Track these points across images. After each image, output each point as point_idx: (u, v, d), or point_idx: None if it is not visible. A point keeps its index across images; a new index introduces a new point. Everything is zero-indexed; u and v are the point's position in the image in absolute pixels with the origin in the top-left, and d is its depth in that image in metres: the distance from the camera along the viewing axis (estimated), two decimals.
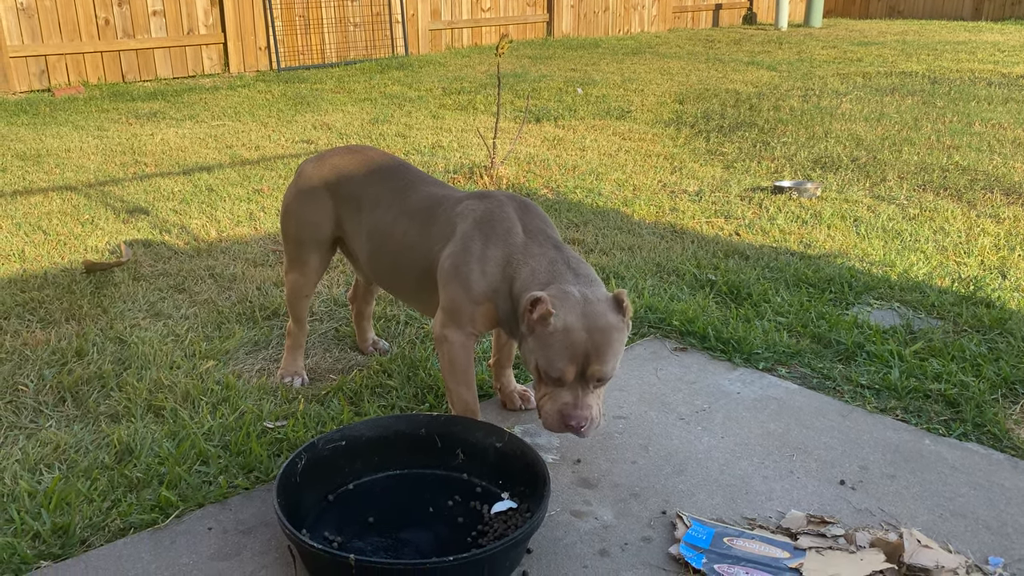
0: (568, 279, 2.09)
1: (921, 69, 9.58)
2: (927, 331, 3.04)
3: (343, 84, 8.90)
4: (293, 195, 2.61)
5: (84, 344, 2.89)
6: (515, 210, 2.27)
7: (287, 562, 1.89)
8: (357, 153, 2.61)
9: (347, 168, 2.55)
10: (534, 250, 2.17)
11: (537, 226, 2.24)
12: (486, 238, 2.21)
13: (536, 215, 2.29)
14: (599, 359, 1.98)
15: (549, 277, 2.10)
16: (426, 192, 2.44)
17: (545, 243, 2.19)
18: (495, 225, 2.23)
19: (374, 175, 2.52)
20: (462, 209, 2.30)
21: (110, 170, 5.40)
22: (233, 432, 2.37)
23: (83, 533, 1.97)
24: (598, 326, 1.99)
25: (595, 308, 2.01)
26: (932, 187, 5.00)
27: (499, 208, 2.26)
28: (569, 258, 2.16)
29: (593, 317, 1.99)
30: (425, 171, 5.32)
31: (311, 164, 2.61)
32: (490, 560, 1.75)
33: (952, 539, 1.99)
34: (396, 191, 2.47)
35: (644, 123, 6.99)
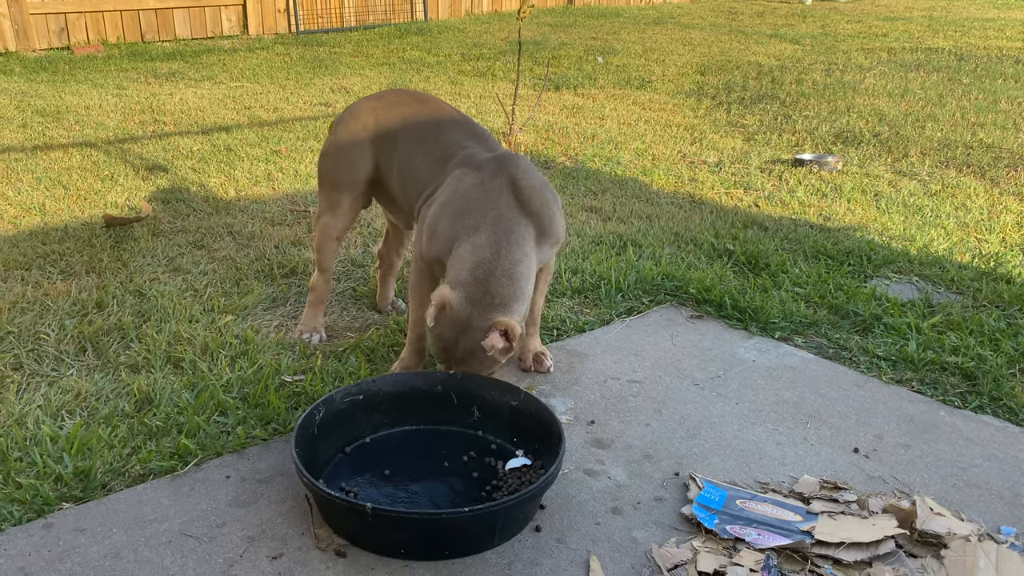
0: (476, 292, 2.16)
1: (948, 45, 9.43)
2: (946, 305, 3.03)
3: (361, 48, 8.85)
4: (334, 136, 2.65)
5: (104, 296, 2.92)
6: (486, 192, 2.26)
7: (304, 510, 1.91)
8: (401, 94, 2.66)
9: (387, 108, 2.61)
10: (478, 240, 2.21)
11: (498, 212, 2.23)
12: (447, 213, 2.28)
13: (509, 197, 2.26)
14: (466, 366, 2.24)
15: (466, 280, 2.18)
16: (451, 140, 2.47)
17: (491, 236, 2.20)
18: (460, 203, 2.27)
19: (411, 114, 2.57)
20: (457, 173, 2.35)
21: (129, 128, 5.41)
22: (251, 385, 2.39)
23: (104, 477, 2.00)
24: (467, 348, 2.19)
25: (472, 335, 2.17)
26: (955, 164, 4.94)
27: (470, 187, 2.28)
28: (498, 265, 2.18)
29: (466, 341, 2.18)
30: None
31: (352, 107, 2.67)
32: (505, 512, 1.76)
33: (965, 508, 2.00)
34: (429, 130, 2.52)
35: (664, 93, 6.93)
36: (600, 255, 3.42)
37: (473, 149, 2.43)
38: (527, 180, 2.29)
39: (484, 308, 2.16)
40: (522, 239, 2.23)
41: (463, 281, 2.18)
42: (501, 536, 1.82)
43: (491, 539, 1.80)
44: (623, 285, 3.14)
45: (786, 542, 1.81)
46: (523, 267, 2.22)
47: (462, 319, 2.16)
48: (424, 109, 2.59)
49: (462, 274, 2.18)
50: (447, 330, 2.18)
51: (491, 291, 2.16)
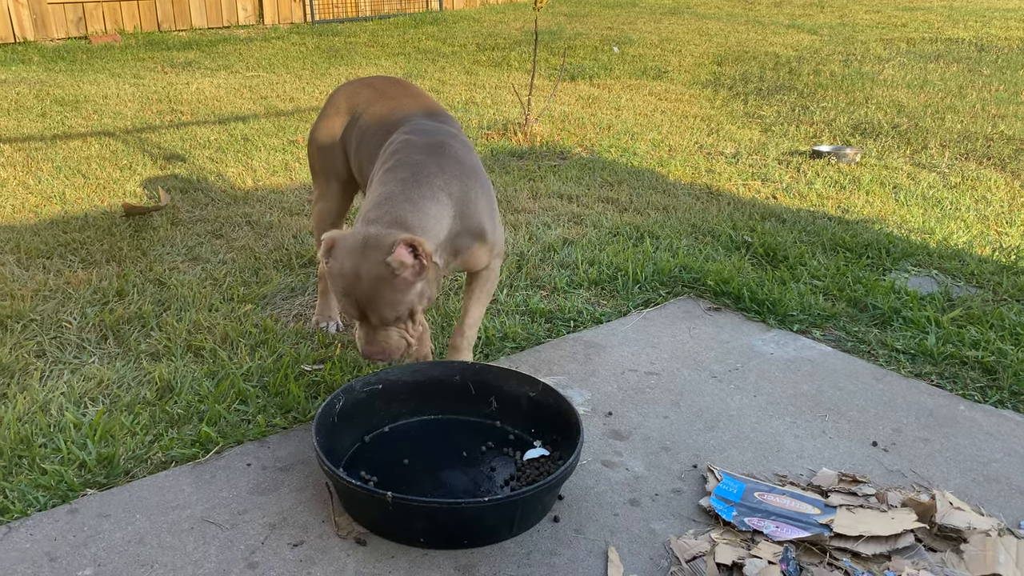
0: (375, 217, 1.99)
1: (968, 36, 9.32)
2: (966, 299, 3.01)
3: (376, 38, 8.85)
4: (316, 121, 2.68)
5: (124, 285, 2.94)
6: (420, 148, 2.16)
7: (324, 499, 1.93)
8: (378, 79, 2.65)
9: (357, 91, 2.60)
10: (387, 179, 2.09)
11: (420, 165, 2.10)
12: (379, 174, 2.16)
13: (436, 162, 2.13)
14: (371, 308, 1.96)
15: (366, 213, 2.02)
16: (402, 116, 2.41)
17: (400, 173, 2.08)
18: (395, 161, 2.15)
19: (376, 94, 2.55)
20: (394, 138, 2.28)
21: (147, 117, 5.43)
22: (271, 373, 2.41)
23: (127, 464, 2.02)
24: (370, 276, 1.92)
25: (371, 255, 1.92)
26: (975, 156, 4.90)
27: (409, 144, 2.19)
28: (401, 192, 2.03)
29: (367, 266, 1.92)
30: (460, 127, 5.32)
31: (333, 92, 2.69)
32: (523, 503, 1.77)
33: (985, 503, 1.99)
34: (388, 110, 2.47)
35: (681, 84, 6.89)
36: (617, 246, 3.42)
37: (420, 122, 2.36)
38: (456, 153, 2.17)
39: (383, 227, 1.96)
40: (436, 188, 2.06)
41: (364, 214, 2.01)
42: (520, 526, 1.83)
43: (510, 529, 1.81)
44: (640, 277, 3.14)
45: (805, 535, 1.81)
46: (431, 204, 2.03)
47: (358, 242, 1.94)
48: (391, 92, 2.55)
49: (365, 207, 2.02)
50: (346, 261, 1.94)
51: (391, 212, 1.98)
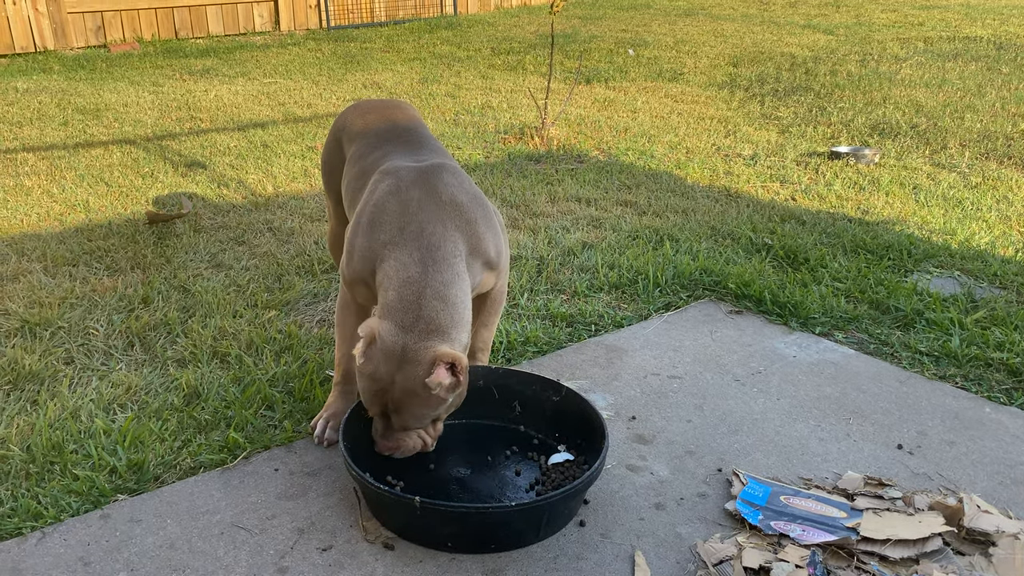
0: (407, 319, 1.85)
1: (986, 34, 9.25)
2: (989, 300, 2.99)
3: (392, 43, 8.89)
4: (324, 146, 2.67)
5: (150, 292, 2.98)
6: (403, 201, 2.01)
7: (352, 503, 1.94)
8: (377, 103, 2.59)
9: (352, 120, 2.54)
10: (400, 257, 1.93)
11: (418, 226, 1.96)
12: (361, 226, 2.04)
13: (430, 209, 1.99)
14: (401, 416, 1.88)
15: (394, 305, 1.88)
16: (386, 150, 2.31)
17: (415, 251, 1.93)
18: (374, 214, 2.02)
19: (369, 129, 2.45)
20: (374, 180, 2.14)
21: (167, 125, 5.49)
22: (297, 379, 2.43)
23: (156, 470, 2.05)
24: (404, 388, 1.84)
25: (408, 370, 1.83)
26: (996, 155, 4.87)
27: (386, 196, 2.04)
28: (430, 282, 1.90)
29: (402, 377, 1.83)
30: (475, 132, 5.35)
31: (337, 118, 2.65)
32: (550, 508, 1.78)
33: (1012, 506, 1.98)
34: (370, 146, 2.37)
35: (697, 86, 6.89)
36: (637, 250, 3.42)
37: (400, 158, 2.24)
38: (451, 193, 2.03)
39: (419, 335, 1.85)
40: (451, 256, 1.95)
41: (391, 305, 1.88)
42: (546, 530, 1.84)
43: (536, 533, 1.82)
44: (661, 280, 3.14)
45: (831, 538, 1.81)
46: (456, 289, 1.92)
47: (395, 351, 1.83)
48: (383, 118, 2.47)
49: (389, 295, 1.89)
50: (380, 366, 1.84)
51: (424, 315, 1.86)
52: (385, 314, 1.88)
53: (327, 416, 2.18)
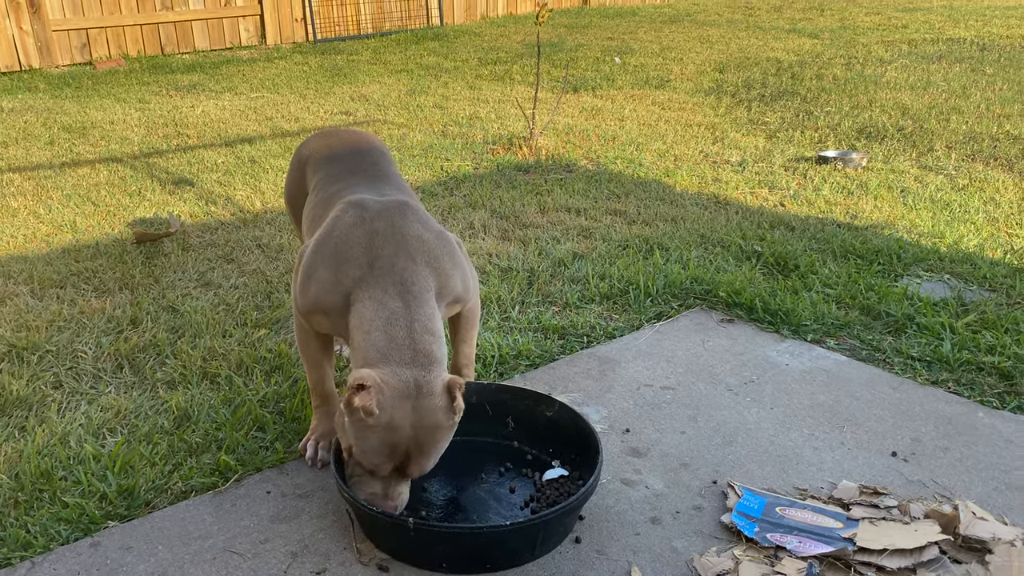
0: (404, 356, 1.78)
1: (969, 35, 9.32)
2: (979, 303, 3.00)
3: (379, 55, 8.90)
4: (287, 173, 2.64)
5: (138, 313, 2.96)
6: (370, 233, 1.95)
7: (345, 525, 1.93)
8: (333, 136, 2.55)
9: (317, 149, 2.49)
10: (375, 294, 1.87)
11: (388, 261, 1.91)
12: (322, 257, 1.97)
13: (398, 243, 1.94)
14: (420, 458, 1.77)
15: (386, 346, 1.79)
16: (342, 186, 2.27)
17: (391, 287, 1.87)
18: (338, 245, 1.96)
19: (332, 157, 2.41)
20: (336, 211, 2.07)
21: (154, 142, 5.47)
22: (288, 399, 2.41)
23: (147, 495, 2.03)
24: (425, 425, 1.75)
25: (426, 404, 1.75)
26: (982, 157, 4.89)
27: (351, 227, 1.98)
28: (415, 316, 1.84)
29: (422, 414, 1.74)
30: (464, 143, 5.34)
31: (300, 146, 2.61)
32: (545, 525, 1.77)
33: (1008, 512, 1.98)
34: (331, 176, 2.33)
35: (684, 92, 6.91)
36: (627, 259, 3.42)
37: (364, 190, 2.20)
38: (416, 230, 1.98)
39: (422, 368, 1.78)
40: (425, 291, 1.90)
41: (380, 346, 1.80)
42: (542, 548, 1.83)
43: (532, 552, 1.81)
44: (652, 290, 3.14)
45: (828, 550, 1.80)
46: (438, 323, 1.88)
47: (408, 390, 1.75)
48: (349, 148, 2.43)
49: (373, 337, 1.81)
50: (395, 412, 1.73)
51: (419, 348, 1.80)
52: (376, 358, 1.79)
53: (316, 437, 2.16)
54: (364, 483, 1.81)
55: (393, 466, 1.78)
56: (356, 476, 1.83)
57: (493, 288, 3.16)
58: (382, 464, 1.76)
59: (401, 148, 5.26)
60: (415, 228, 1.99)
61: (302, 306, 2.02)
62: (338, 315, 1.95)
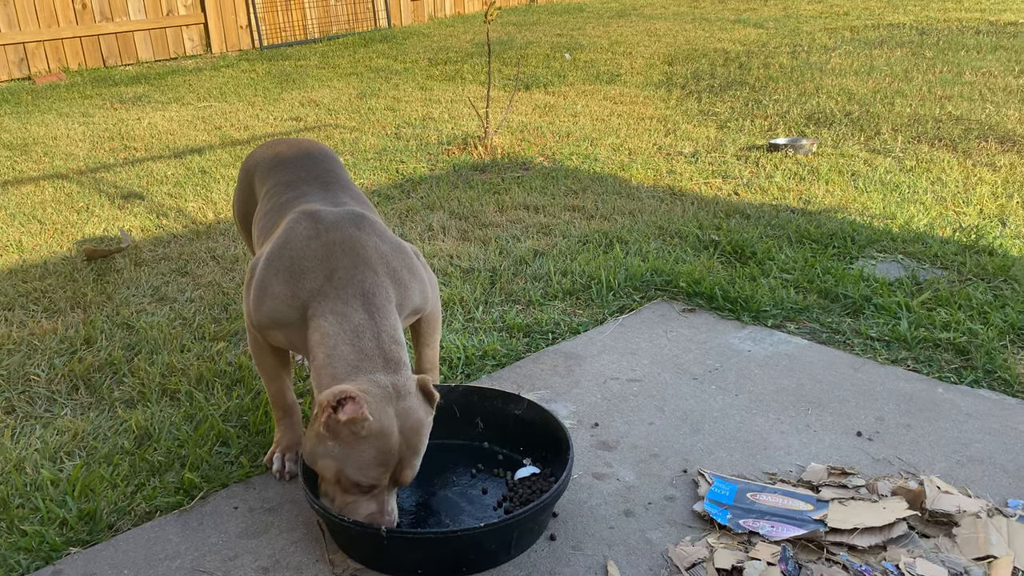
0: (376, 364, 1.77)
1: (908, 20, 9.53)
2: (932, 281, 3.06)
3: (327, 59, 8.80)
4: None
5: (92, 331, 2.88)
6: (326, 245, 1.91)
7: (316, 537, 1.90)
8: (281, 144, 2.49)
9: (264, 159, 2.44)
10: (336, 307, 1.83)
11: (346, 272, 1.87)
12: (276, 270, 1.92)
13: (356, 255, 1.90)
14: (412, 460, 1.76)
15: (355, 359, 1.77)
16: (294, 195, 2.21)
17: (352, 299, 1.84)
18: (293, 258, 1.92)
19: (281, 165, 2.36)
20: (289, 221, 2.01)
21: (100, 156, 5.34)
22: (251, 412, 2.37)
23: (110, 518, 1.97)
24: (411, 425, 1.74)
25: (407, 404, 1.74)
26: (927, 138, 5.00)
27: (306, 240, 1.93)
28: (380, 326, 1.82)
29: (406, 415, 1.73)
30: (418, 144, 5.31)
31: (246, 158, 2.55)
32: (519, 525, 1.76)
33: (971, 484, 2.02)
34: (282, 184, 2.28)
35: (634, 86, 6.95)
36: (588, 255, 3.43)
37: (317, 200, 2.16)
38: (374, 241, 1.95)
39: (395, 373, 1.77)
40: (387, 302, 1.87)
41: (348, 360, 1.77)
42: (517, 548, 1.82)
43: (507, 552, 1.80)
44: (613, 283, 3.15)
45: (800, 532, 1.82)
46: (401, 334, 1.86)
47: (389, 395, 1.73)
48: (298, 155, 2.38)
49: (340, 351, 1.78)
50: (385, 416, 1.70)
51: (388, 357, 1.79)
52: (347, 371, 1.76)
53: (282, 449, 2.12)
54: (357, 506, 1.75)
55: (389, 476, 1.74)
56: (345, 505, 1.75)
57: (456, 289, 3.14)
58: (380, 476, 1.72)
59: (354, 152, 5.21)
60: (372, 239, 1.96)
61: (257, 321, 1.97)
62: (295, 329, 1.91)
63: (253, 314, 1.97)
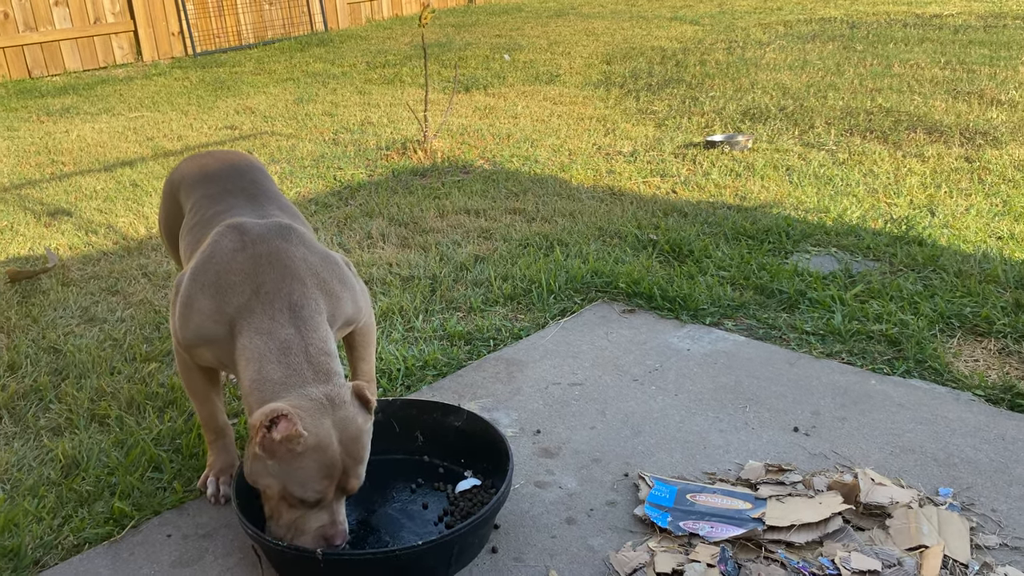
0: (306, 377, 1.74)
1: (839, 14, 9.74)
2: (865, 274, 3.12)
3: (263, 65, 8.65)
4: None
5: (16, 357, 2.77)
6: (252, 258, 1.88)
7: (252, 562, 1.85)
8: (207, 157, 2.42)
9: (188, 172, 2.36)
10: (263, 323, 1.80)
11: (274, 286, 1.84)
12: (202, 284, 1.88)
13: (284, 267, 1.87)
14: (356, 468, 1.74)
15: (283, 375, 1.74)
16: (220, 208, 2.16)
17: (279, 313, 1.81)
18: (219, 272, 1.88)
19: (207, 178, 2.29)
20: (214, 235, 1.97)
21: (25, 171, 5.16)
22: (184, 435, 2.30)
23: (35, 553, 1.90)
24: (350, 434, 1.72)
25: (343, 414, 1.72)
26: (858, 131, 5.11)
27: (232, 253, 1.89)
28: (308, 340, 1.79)
29: (343, 425, 1.71)
30: (356, 150, 5.25)
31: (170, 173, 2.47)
32: (460, 540, 1.74)
33: (904, 474, 2.06)
34: (208, 197, 2.22)
35: (574, 86, 6.97)
36: (528, 258, 3.42)
37: (244, 212, 2.11)
38: (302, 253, 1.93)
39: (326, 384, 1.75)
40: (316, 315, 1.85)
41: (275, 379, 1.73)
42: (458, 563, 1.80)
43: (447, 568, 1.78)
44: (554, 287, 3.15)
45: (739, 532, 1.84)
46: (332, 344, 1.84)
47: (323, 407, 1.70)
48: (224, 166, 2.32)
49: (268, 369, 1.75)
50: (321, 429, 1.68)
51: (318, 368, 1.76)
52: (275, 391, 1.72)
53: (215, 473, 2.06)
54: (309, 520, 1.72)
55: (335, 487, 1.72)
56: (294, 521, 1.72)
57: (395, 298, 3.11)
58: (325, 488, 1.70)
59: (291, 159, 5.13)
60: (300, 251, 1.93)
61: (183, 339, 1.92)
62: (222, 346, 1.86)
63: (179, 331, 1.92)
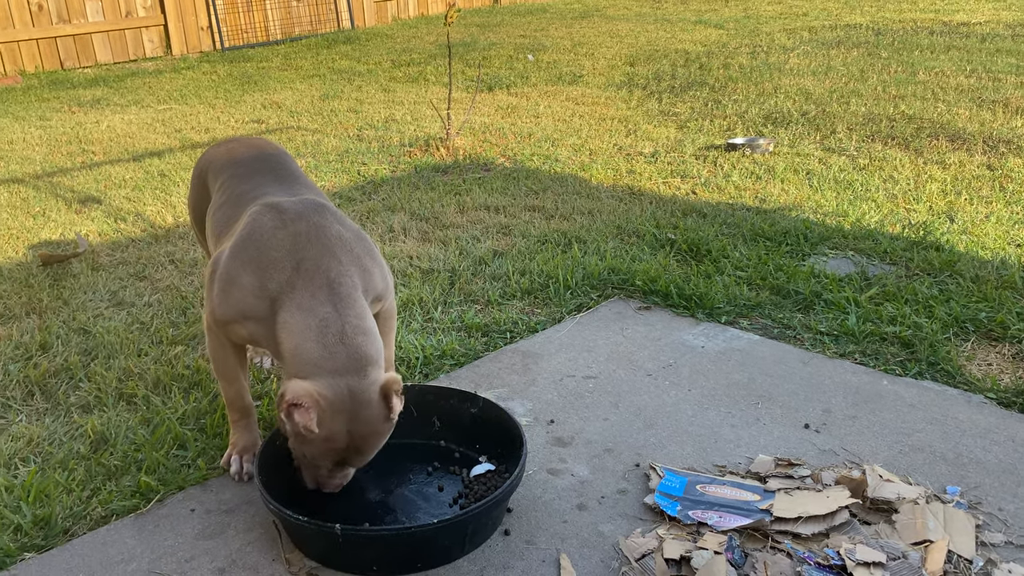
0: (338, 363, 1.78)
1: (865, 21, 9.71)
2: (881, 277, 3.14)
3: (289, 61, 8.76)
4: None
5: (48, 337, 2.86)
6: (292, 235, 1.93)
7: (272, 537, 1.91)
8: (233, 143, 2.50)
9: (216, 156, 2.45)
10: (303, 299, 1.85)
11: (314, 262, 1.89)
12: (243, 261, 1.92)
13: (322, 244, 1.92)
14: (359, 457, 1.85)
15: (319, 356, 1.78)
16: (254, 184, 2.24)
17: (319, 290, 1.85)
18: (260, 248, 1.92)
19: (234, 162, 2.37)
20: (253, 213, 2.02)
21: (57, 160, 5.28)
22: (208, 415, 2.37)
23: (65, 523, 1.97)
24: (363, 434, 1.80)
25: (363, 414, 1.78)
26: (880, 137, 5.11)
27: (272, 231, 1.94)
28: (345, 318, 1.83)
29: (358, 424, 1.79)
30: (380, 146, 5.32)
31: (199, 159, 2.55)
32: (473, 520, 1.79)
33: (912, 472, 2.09)
34: (237, 177, 2.30)
35: (596, 87, 7.01)
36: (546, 254, 3.47)
37: (274, 192, 2.18)
38: (336, 229, 1.98)
39: (357, 374, 1.79)
40: (353, 290, 1.89)
41: (312, 356, 1.79)
42: (471, 543, 1.85)
43: (462, 548, 1.83)
44: (571, 282, 3.19)
45: (747, 522, 1.87)
46: (370, 321, 1.88)
47: (344, 402, 1.76)
48: (250, 149, 2.40)
49: (307, 346, 1.79)
50: (335, 425, 1.76)
51: (353, 352, 1.80)
52: (308, 370, 1.78)
53: (238, 451, 2.13)
54: (311, 468, 1.91)
55: (337, 461, 1.87)
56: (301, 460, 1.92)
57: (415, 290, 3.17)
58: (323, 464, 1.88)
59: (316, 154, 5.21)
60: (335, 228, 1.99)
61: (222, 315, 1.95)
62: (260, 322, 1.91)
63: (218, 308, 1.95)
